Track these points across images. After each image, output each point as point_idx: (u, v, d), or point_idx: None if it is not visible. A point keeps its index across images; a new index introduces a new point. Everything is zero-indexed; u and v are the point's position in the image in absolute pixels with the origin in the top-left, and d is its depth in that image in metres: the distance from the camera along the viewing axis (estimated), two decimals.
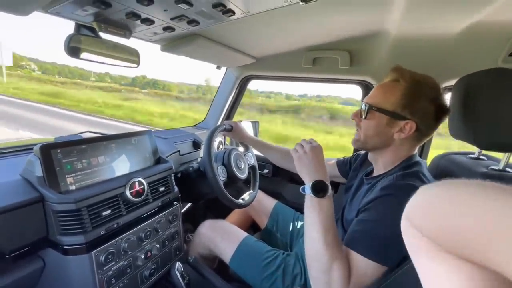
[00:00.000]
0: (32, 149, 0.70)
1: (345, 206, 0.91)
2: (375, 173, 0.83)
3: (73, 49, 0.77)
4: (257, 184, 1.27)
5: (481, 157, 0.81)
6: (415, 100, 0.70)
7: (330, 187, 0.72)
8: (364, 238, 0.64)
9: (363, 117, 0.77)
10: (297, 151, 0.80)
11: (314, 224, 0.69)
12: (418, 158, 0.77)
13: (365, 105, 0.76)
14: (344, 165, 1.11)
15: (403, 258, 0.61)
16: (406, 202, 0.64)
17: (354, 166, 1.02)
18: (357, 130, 0.82)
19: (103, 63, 0.88)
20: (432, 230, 0.20)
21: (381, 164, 0.80)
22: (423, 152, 1.28)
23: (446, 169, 0.83)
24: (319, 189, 0.71)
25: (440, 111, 0.71)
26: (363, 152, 1.03)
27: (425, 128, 0.72)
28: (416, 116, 0.70)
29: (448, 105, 0.72)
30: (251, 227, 1.42)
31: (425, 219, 0.21)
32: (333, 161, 1.17)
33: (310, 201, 0.72)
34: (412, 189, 0.65)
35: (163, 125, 10.71)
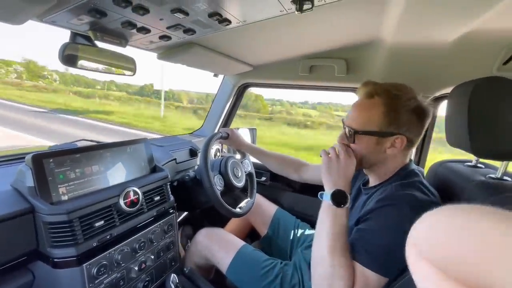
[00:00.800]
0: (24, 158, 0.68)
1: None
2: (371, 183, 0.83)
3: (68, 58, 0.77)
4: (255, 191, 1.26)
5: (479, 165, 0.81)
6: (398, 115, 0.70)
7: (349, 199, 0.71)
8: (365, 248, 0.64)
9: (352, 142, 0.76)
10: (329, 154, 0.77)
11: (325, 230, 0.68)
12: (414, 166, 0.77)
13: (350, 130, 0.75)
14: None
15: (403, 269, 0.60)
16: (405, 211, 0.63)
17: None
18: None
19: (99, 71, 0.88)
20: (439, 259, 0.20)
21: (376, 175, 0.80)
22: (420, 159, 1.28)
23: (444, 177, 0.83)
24: (338, 198, 0.70)
25: (423, 117, 0.72)
26: None
27: (414, 137, 0.73)
28: (403, 129, 0.71)
29: (428, 108, 0.73)
30: (250, 234, 1.40)
31: (431, 247, 0.21)
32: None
33: (327, 208, 0.71)
34: (412, 199, 0.65)
35: None
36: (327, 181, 0.74)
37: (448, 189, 0.76)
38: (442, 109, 1.25)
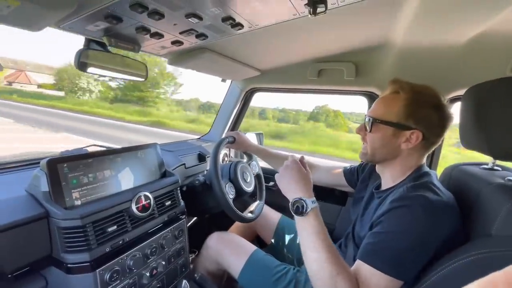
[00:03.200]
0: (38, 163, 0.69)
1: (355, 221, 0.88)
2: (384, 186, 0.82)
3: (83, 63, 0.78)
4: (264, 193, 1.25)
5: (495, 167, 0.79)
6: (418, 109, 0.70)
7: (309, 201, 0.70)
8: (378, 250, 0.62)
9: (368, 130, 0.77)
10: (278, 176, 0.80)
11: (306, 242, 0.68)
12: (427, 169, 0.76)
13: (369, 118, 0.76)
14: (351, 175, 1.10)
15: (421, 272, 0.59)
16: (419, 213, 0.61)
17: (363, 177, 1.00)
18: (363, 144, 0.81)
19: (111, 77, 0.89)
20: None
21: (389, 176, 0.79)
22: (432, 163, 1.26)
23: (459, 180, 0.81)
24: (297, 207, 0.70)
25: (444, 118, 0.72)
26: None
27: (431, 136, 0.72)
28: (421, 125, 0.70)
29: (451, 112, 0.72)
30: (256, 242, 1.38)
31: None
32: (339, 170, 1.15)
33: (297, 222, 0.71)
34: (424, 200, 0.64)
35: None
36: (286, 195, 0.76)
37: (464, 193, 0.74)
38: (449, 109, 1.24)
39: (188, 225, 1.38)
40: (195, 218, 1.48)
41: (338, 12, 0.73)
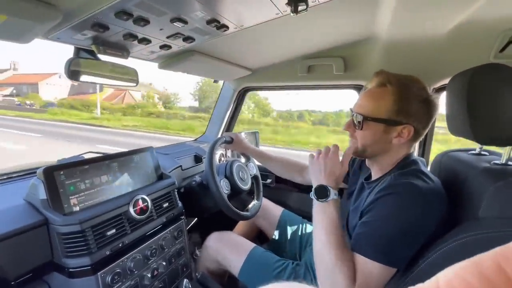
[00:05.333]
0: (35, 172, 0.70)
1: (349, 214, 0.90)
2: (374, 177, 0.82)
3: (73, 72, 0.79)
4: (261, 193, 1.27)
5: (483, 152, 0.81)
6: (408, 104, 0.70)
7: (333, 192, 0.72)
8: (368, 239, 0.64)
9: (359, 128, 0.75)
10: (313, 156, 0.81)
11: (319, 227, 0.71)
12: (414, 157, 0.76)
13: (359, 116, 0.74)
14: None
15: (412, 260, 0.60)
16: (406, 200, 0.62)
17: (353, 171, 1.01)
18: (351, 141, 0.80)
19: (103, 84, 0.90)
20: None
21: (379, 167, 0.80)
22: (424, 151, 1.28)
23: (449, 166, 0.83)
24: (320, 193, 0.73)
25: (432, 108, 0.72)
26: None
27: (421, 129, 0.73)
28: (412, 119, 0.71)
29: (437, 102, 0.73)
30: (258, 237, 1.40)
31: None
32: None
33: (315, 205, 0.74)
34: (411, 187, 0.64)
35: None
36: (312, 181, 0.78)
37: (453, 178, 0.76)
38: (441, 101, 1.26)
39: (189, 226, 1.40)
40: (196, 219, 1.50)
41: (320, 8, 0.75)
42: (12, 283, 0.61)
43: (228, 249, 1.04)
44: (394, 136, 0.72)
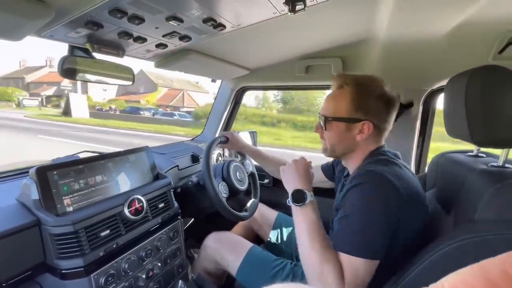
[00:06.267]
0: (28, 172, 0.69)
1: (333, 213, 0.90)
2: (350, 174, 0.85)
3: (68, 71, 0.78)
4: (258, 191, 1.26)
5: (480, 154, 0.81)
6: (364, 101, 0.74)
7: (309, 194, 0.74)
8: (345, 236, 0.65)
9: (324, 128, 0.81)
10: (283, 167, 0.85)
11: (300, 231, 0.72)
12: (385, 149, 0.79)
13: (322, 118, 0.80)
14: (328, 170, 1.15)
15: (409, 262, 0.60)
16: (369, 190, 0.65)
17: (338, 170, 1.04)
18: (322, 142, 0.85)
19: (98, 82, 0.89)
20: None
21: (352, 164, 0.83)
22: (422, 152, 1.28)
23: (446, 168, 0.83)
24: (297, 197, 0.74)
25: (389, 104, 0.76)
26: None
27: (381, 123, 0.77)
28: (370, 115, 0.75)
29: (394, 98, 0.77)
30: (255, 240, 1.39)
31: None
32: (317, 166, 1.19)
33: (293, 210, 0.75)
34: (373, 175, 0.67)
35: None
36: (286, 186, 0.81)
37: (450, 180, 0.76)
38: (440, 102, 1.26)
39: (186, 227, 1.40)
40: (192, 219, 1.50)
41: (318, 8, 0.74)
42: (4, 284, 0.60)
43: (227, 248, 1.04)
44: (356, 133, 0.76)
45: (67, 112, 17.87)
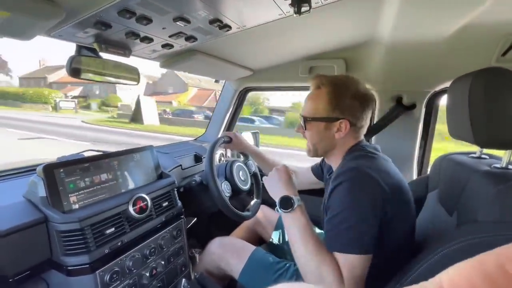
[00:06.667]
0: (35, 170, 0.70)
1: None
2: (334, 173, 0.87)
3: (75, 70, 0.79)
4: (261, 192, 1.26)
5: (483, 156, 0.81)
6: (340, 100, 0.77)
7: (296, 199, 0.76)
8: (335, 235, 0.67)
9: (304, 128, 0.84)
10: (266, 177, 0.87)
11: (293, 237, 0.73)
12: (363, 144, 0.82)
13: (302, 118, 0.83)
14: (317, 170, 1.17)
15: (411, 263, 0.60)
16: (350, 187, 0.67)
17: (326, 169, 1.05)
18: (307, 142, 0.88)
19: (104, 82, 0.90)
20: None
21: (334, 162, 0.86)
22: (425, 153, 1.28)
23: (448, 169, 0.83)
24: (285, 204, 0.76)
25: (364, 101, 0.78)
26: None
27: (357, 121, 0.79)
28: (346, 114, 0.77)
29: (368, 96, 0.79)
30: (258, 241, 1.40)
31: None
32: (307, 168, 1.21)
33: (283, 217, 0.76)
34: (353, 171, 0.69)
35: None
36: (272, 195, 0.83)
37: (453, 181, 0.76)
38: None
39: (189, 226, 1.40)
40: (195, 219, 1.50)
41: (323, 10, 0.75)
42: (11, 280, 0.61)
43: (231, 254, 1.03)
44: (335, 132, 0.79)
45: (136, 118, 14.67)
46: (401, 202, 0.70)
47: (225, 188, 1.05)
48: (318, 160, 1.13)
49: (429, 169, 1.25)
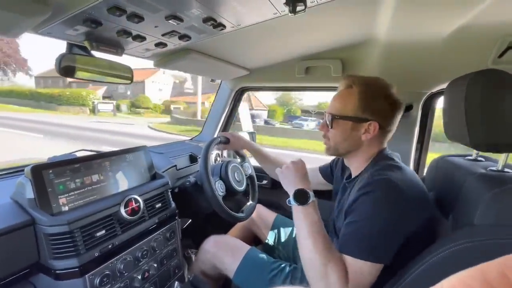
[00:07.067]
0: (23, 170, 0.68)
1: (335, 215, 0.90)
2: (353, 175, 0.86)
3: (66, 69, 0.77)
4: (256, 194, 1.25)
5: (479, 158, 0.80)
6: (371, 101, 0.75)
7: (311, 194, 0.75)
8: (354, 240, 0.66)
9: (329, 127, 0.81)
10: (281, 169, 0.86)
11: (302, 232, 0.72)
12: (388, 152, 0.80)
13: (329, 116, 0.81)
14: (326, 172, 1.15)
15: (408, 265, 0.60)
16: (383, 197, 0.65)
17: (336, 171, 1.04)
18: (325, 140, 0.85)
19: (96, 81, 0.88)
20: None
21: (355, 165, 0.84)
22: (421, 155, 1.28)
23: (444, 172, 0.83)
24: (300, 197, 0.75)
25: (395, 106, 0.77)
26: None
27: (387, 125, 0.78)
28: (376, 116, 0.75)
29: (400, 100, 0.78)
30: (253, 241, 1.39)
31: None
32: (315, 168, 1.19)
33: (295, 211, 0.75)
34: (387, 183, 0.67)
35: None
36: (287, 189, 0.81)
37: (449, 183, 0.75)
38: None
39: (184, 227, 1.39)
40: (190, 220, 1.49)
41: (318, 9, 0.74)
42: None
43: (225, 252, 1.02)
44: (362, 133, 0.77)
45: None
46: (423, 216, 0.68)
47: (218, 187, 1.04)
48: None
49: (425, 171, 1.25)
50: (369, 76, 0.79)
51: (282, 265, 0.97)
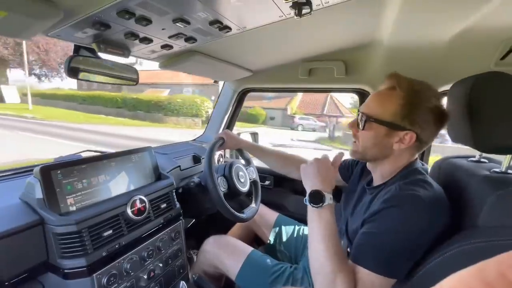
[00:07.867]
0: (32, 171, 0.69)
1: (348, 216, 0.89)
2: (375, 182, 0.81)
3: (73, 70, 0.78)
4: (259, 198, 1.24)
5: (482, 160, 0.81)
6: (415, 110, 0.67)
7: (329, 197, 0.71)
8: (370, 251, 0.62)
9: (361, 127, 0.74)
10: (304, 165, 0.81)
11: (315, 234, 0.68)
12: (418, 165, 0.74)
13: (362, 116, 0.73)
14: (345, 169, 1.08)
15: (412, 267, 0.60)
16: (410, 213, 0.62)
17: (355, 172, 0.99)
18: (354, 141, 0.79)
19: (103, 82, 0.89)
20: None
21: (380, 173, 0.78)
22: (423, 156, 1.28)
23: (448, 173, 0.83)
24: (314, 198, 0.71)
25: (440, 118, 0.69)
26: None
27: (425, 137, 0.70)
28: (416, 126, 0.68)
29: (446, 110, 0.70)
30: (255, 241, 1.39)
31: None
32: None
33: (309, 211, 0.72)
34: (415, 199, 0.64)
35: None
36: (306, 185, 0.76)
37: (452, 185, 0.76)
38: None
39: (187, 227, 1.39)
40: (193, 220, 1.49)
41: (323, 12, 0.75)
42: (6, 283, 0.60)
43: (226, 253, 1.03)
44: (395, 141, 0.70)
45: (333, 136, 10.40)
46: (445, 230, 0.63)
47: (221, 183, 1.04)
48: None
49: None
50: (418, 80, 0.71)
51: (283, 267, 0.98)
